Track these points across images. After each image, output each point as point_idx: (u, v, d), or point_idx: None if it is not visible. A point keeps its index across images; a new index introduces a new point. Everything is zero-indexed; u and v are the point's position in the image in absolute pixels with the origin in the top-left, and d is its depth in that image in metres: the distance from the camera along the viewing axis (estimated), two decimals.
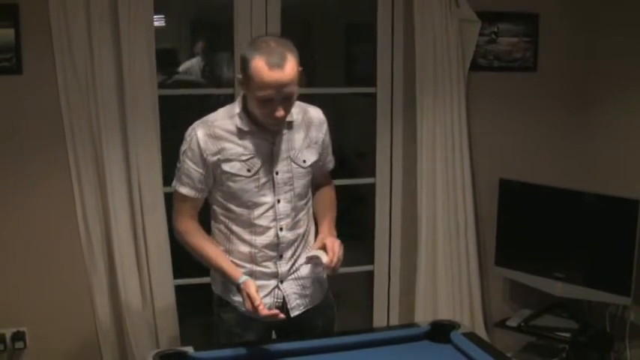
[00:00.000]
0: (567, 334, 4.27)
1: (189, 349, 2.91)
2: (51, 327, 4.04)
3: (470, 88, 4.43)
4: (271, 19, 4.21)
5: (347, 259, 3.30)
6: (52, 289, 4.02)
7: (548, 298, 4.42)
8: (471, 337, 3.07)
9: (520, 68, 4.58)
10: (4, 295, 3.96)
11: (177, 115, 4.23)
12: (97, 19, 3.76)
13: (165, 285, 4.07)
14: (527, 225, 4.47)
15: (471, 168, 4.45)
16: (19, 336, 4.00)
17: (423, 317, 4.28)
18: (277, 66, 2.74)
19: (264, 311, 2.84)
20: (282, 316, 2.90)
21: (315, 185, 3.24)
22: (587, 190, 4.27)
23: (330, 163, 3.27)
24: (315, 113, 3.14)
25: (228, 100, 4.14)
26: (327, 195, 3.28)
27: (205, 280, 4.43)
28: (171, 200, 3.99)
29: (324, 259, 2.92)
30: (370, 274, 4.71)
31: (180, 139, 3.01)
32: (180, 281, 4.22)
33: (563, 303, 4.49)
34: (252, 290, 2.86)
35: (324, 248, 2.98)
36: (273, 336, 3.22)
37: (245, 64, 2.79)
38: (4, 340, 3.99)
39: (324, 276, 3.23)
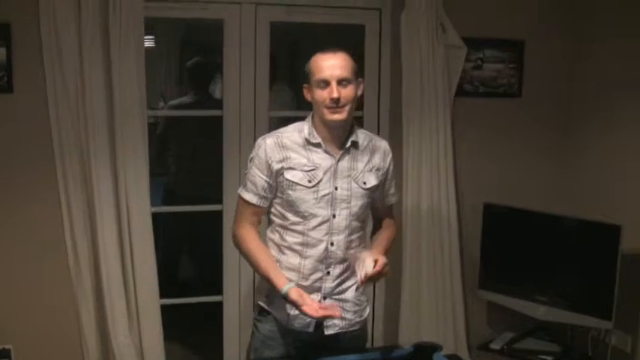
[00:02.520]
0: (550, 358, 4.29)
1: None
2: (37, 345, 4.04)
3: (455, 113, 4.47)
4: (260, 41, 4.27)
5: None
6: (39, 307, 4.02)
7: (531, 321, 4.45)
8: (454, 359, 3.10)
9: (505, 94, 4.63)
10: None
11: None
12: (89, 39, 3.79)
13: (151, 304, 4.08)
14: (510, 249, 4.49)
15: (455, 192, 4.48)
16: (4, 354, 4.00)
17: (406, 339, 4.30)
18: (331, 52, 3.04)
19: (318, 312, 2.92)
20: (338, 314, 2.99)
21: (377, 219, 3.39)
22: (571, 215, 4.30)
23: (393, 197, 3.39)
24: (382, 143, 3.29)
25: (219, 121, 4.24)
26: (387, 228, 3.37)
27: (190, 300, 4.50)
28: (157, 221, 4.07)
29: (370, 263, 2.94)
30: None
31: None
32: (167, 301, 4.23)
33: (545, 326, 4.51)
34: (296, 295, 2.93)
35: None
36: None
37: (308, 68, 3.06)
38: None
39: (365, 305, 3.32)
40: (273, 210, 3.17)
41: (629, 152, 4.31)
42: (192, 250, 5.61)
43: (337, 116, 3.03)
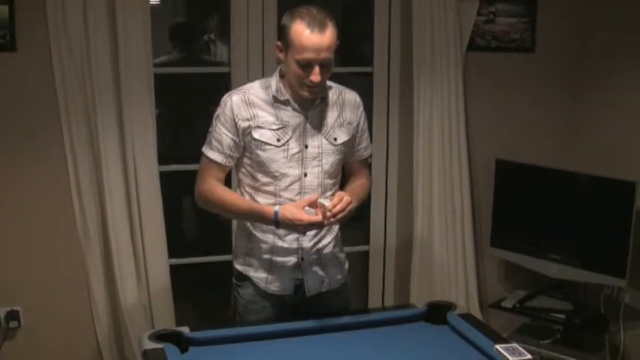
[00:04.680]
0: (562, 316, 4.28)
1: (185, 329, 2.92)
2: (45, 306, 4.03)
3: (467, 68, 4.42)
4: None
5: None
6: (47, 269, 4.01)
7: (543, 279, 4.42)
8: (468, 318, 3.09)
9: (518, 49, 4.55)
10: None
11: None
12: None
13: (160, 265, 4.06)
14: (523, 206, 4.46)
15: (467, 148, 4.44)
16: (13, 315, 4.00)
17: (418, 298, 4.28)
18: (318, 30, 2.80)
19: (310, 218, 2.87)
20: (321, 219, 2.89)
21: (349, 174, 3.27)
22: (584, 171, 4.26)
23: (365, 150, 3.27)
24: (352, 96, 3.18)
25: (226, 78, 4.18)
26: (359, 182, 3.25)
27: (199, 259, 4.47)
28: (165, 180, 4.02)
29: (327, 203, 2.88)
30: (365, 255, 4.71)
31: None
32: (175, 261, 4.21)
33: (558, 284, 4.49)
34: (289, 214, 2.88)
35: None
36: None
37: (285, 29, 2.86)
38: None
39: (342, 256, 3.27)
40: (242, 170, 3.10)
41: None
42: (199, 210, 5.57)
43: (314, 95, 2.96)
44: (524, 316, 4.43)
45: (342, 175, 3.23)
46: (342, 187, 3.19)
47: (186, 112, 4.70)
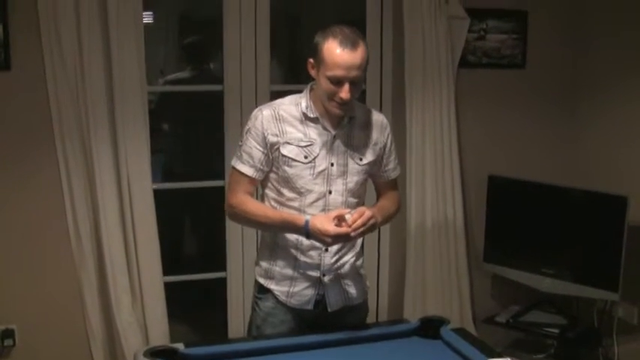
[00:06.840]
0: (555, 330, 4.29)
1: (180, 346, 2.92)
2: (40, 324, 4.03)
3: (459, 84, 4.44)
4: (260, 15, 4.21)
5: None
6: (42, 287, 4.01)
7: (536, 294, 4.42)
8: (461, 332, 3.09)
9: (509, 65, 4.59)
10: None
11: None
12: (87, 15, 3.74)
13: (154, 282, 4.06)
14: (515, 221, 4.47)
15: (459, 164, 4.46)
16: (8, 333, 3.99)
17: (411, 313, 4.28)
18: (350, 48, 2.84)
19: (336, 230, 2.86)
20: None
21: (378, 194, 3.29)
22: (576, 186, 4.28)
23: (394, 172, 3.28)
24: (379, 117, 3.20)
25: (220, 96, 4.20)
26: (387, 200, 3.27)
27: (194, 277, 4.48)
28: (159, 197, 4.03)
29: (348, 217, 2.89)
30: None
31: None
32: (170, 278, 4.21)
33: (551, 299, 4.50)
34: (319, 224, 2.87)
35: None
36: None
37: (317, 47, 2.89)
38: None
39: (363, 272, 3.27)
40: (268, 184, 3.11)
41: (635, 123, 4.28)
42: (194, 227, 5.59)
43: (343, 112, 2.97)
44: (518, 330, 4.42)
45: (372, 196, 3.26)
46: None
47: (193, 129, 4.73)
